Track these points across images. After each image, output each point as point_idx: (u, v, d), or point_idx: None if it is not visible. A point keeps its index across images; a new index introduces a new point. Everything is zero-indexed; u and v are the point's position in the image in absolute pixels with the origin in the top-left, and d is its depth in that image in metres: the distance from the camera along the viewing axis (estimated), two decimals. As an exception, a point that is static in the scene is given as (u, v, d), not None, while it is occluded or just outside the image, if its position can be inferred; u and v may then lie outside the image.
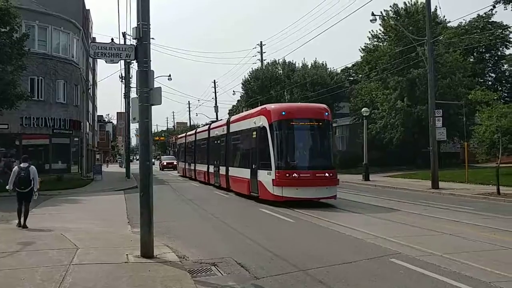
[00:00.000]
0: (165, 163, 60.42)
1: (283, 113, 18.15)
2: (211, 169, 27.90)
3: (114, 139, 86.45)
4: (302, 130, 18.56)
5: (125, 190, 25.95)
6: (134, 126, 49.57)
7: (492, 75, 49.14)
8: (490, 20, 44.19)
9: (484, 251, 9.54)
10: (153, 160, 51.10)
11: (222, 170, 24.89)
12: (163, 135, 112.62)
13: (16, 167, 12.95)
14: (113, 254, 9.23)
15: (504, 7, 30.12)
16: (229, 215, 15.78)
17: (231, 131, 24.21)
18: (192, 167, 35.56)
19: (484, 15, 42.27)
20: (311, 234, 12.13)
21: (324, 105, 20.13)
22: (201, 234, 12.30)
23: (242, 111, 37.81)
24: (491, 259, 8.77)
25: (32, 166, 12.91)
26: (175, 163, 54.51)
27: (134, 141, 71.52)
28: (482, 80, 44.91)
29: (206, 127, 32.58)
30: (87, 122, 43.57)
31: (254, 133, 19.48)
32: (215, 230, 12.93)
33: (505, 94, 45.44)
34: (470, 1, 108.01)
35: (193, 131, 38.83)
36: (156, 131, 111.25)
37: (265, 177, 17.94)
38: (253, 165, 19.34)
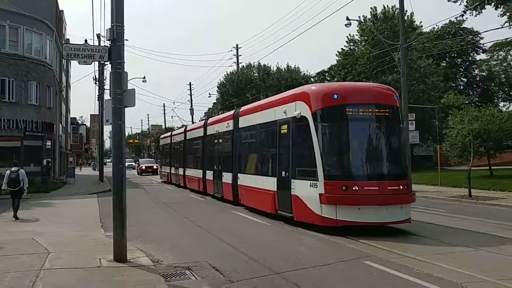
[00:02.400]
0: (143, 167, 55.92)
1: (335, 96, 12.71)
2: (209, 175, 22.75)
3: (87, 142, 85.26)
4: (364, 122, 13.01)
5: (98, 194, 25.61)
6: (107, 129, 49.02)
7: (464, 79, 50.25)
8: (461, 26, 45.17)
9: (455, 253, 9.69)
10: (132, 164, 49.87)
11: (227, 177, 19.71)
12: (137, 137, 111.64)
13: (8, 170, 15.68)
14: (85, 258, 9.07)
15: (475, 14, 30.77)
16: (203, 219, 15.68)
17: (242, 126, 18.59)
18: (181, 172, 30.06)
19: (455, 21, 43.17)
20: (287, 238, 12.13)
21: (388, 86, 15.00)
22: (175, 238, 12.20)
23: (218, 114, 36.05)
24: (462, 260, 8.91)
25: (21, 169, 15.81)
26: (155, 167, 52.80)
27: (107, 143, 70.61)
28: (454, 85, 45.88)
29: (201, 124, 26.79)
30: (60, 125, 42.84)
31: (285, 126, 14.23)
32: (190, 234, 12.84)
33: (476, 99, 46.43)
34: (442, 8, 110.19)
35: (182, 129, 33.20)
36: (130, 133, 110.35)
37: (306, 190, 12.58)
38: (283, 172, 14.02)
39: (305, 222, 12.69)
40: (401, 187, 12.26)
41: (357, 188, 11.83)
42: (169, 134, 38.79)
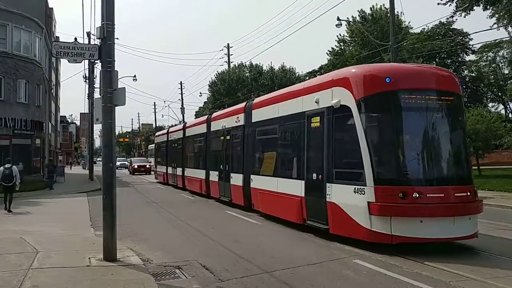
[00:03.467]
0: (136, 166, 53.58)
1: (388, 79, 10.24)
2: (213, 176, 20.43)
3: (77, 141, 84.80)
4: (424, 112, 10.41)
5: (88, 193, 25.51)
6: (97, 127, 48.67)
7: (453, 80, 50.47)
8: (451, 27, 45.46)
9: (445, 253, 9.75)
10: (125, 163, 49.04)
11: (236, 179, 17.35)
12: (127, 136, 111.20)
13: (2, 167, 17.14)
14: (75, 257, 9.03)
15: (465, 14, 30.98)
16: (193, 218, 15.67)
17: (256, 120, 16.17)
18: (179, 173, 27.60)
19: (445, 22, 43.43)
20: (278, 237, 12.15)
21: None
22: (166, 237, 12.18)
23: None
24: (450, 260, 8.97)
25: (14, 166, 17.51)
26: (148, 166, 51.75)
27: (97, 142, 70.29)
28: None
29: (203, 119, 24.12)
30: (50, 123, 42.56)
31: (316, 119, 11.73)
32: (180, 233, 12.82)
33: (466, 99, 46.73)
34: (432, 8, 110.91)
35: (180, 126, 30.62)
36: (120, 132, 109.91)
37: (348, 197, 10.27)
38: (313, 175, 11.65)
39: (346, 236, 10.43)
40: (469, 194, 10.03)
41: (417, 195, 9.50)
42: (165, 131, 36.43)
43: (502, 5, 26.36)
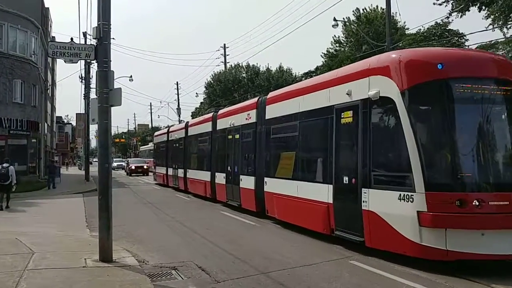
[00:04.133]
0: (133, 167, 51.53)
1: (440, 66, 8.77)
2: (220, 179, 18.87)
3: (73, 141, 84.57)
4: (481, 104, 8.99)
5: (84, 193, 25.40)
6: (93, 128, 48.35)
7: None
8: (447, 28, 45.57)
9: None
10: (123, 164, 47.90)
11: (247, 182, 15.87)
12: (123, 137, 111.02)
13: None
14: (70, 258, 9.00)
15: (461, 15, 31.04)
16: (189, 219, 15.65)
17: (270, 117, 14.52)
18: (181, 174, 25.92)
19: (441, 23, 43.55)
20: (274, 238, 12.14)
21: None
22: (161, 238, 12.15)
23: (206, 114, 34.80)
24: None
25: (11, 166, 18.10)
26: (145, 167, 50.31)
27: (93, 143, 70.10)
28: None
29: (208, 117, 22.20)
30: (46, 123, 42.43)
31: (348, 113, 10.16)
32: (176, 234, 12.80)
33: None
34: (428, 9, 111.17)
35: (182, 125, 28.68)
36: (116, 132, 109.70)
37: (392, 204, 8.82)
38: (344, 178, 10.12)
39: (387, 250, 9.01)
40: None
41: (478, 204, 8.05)
42: (165, 130, 34.58)
43: (497, 6, 26.39)
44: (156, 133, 40.64)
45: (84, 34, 34.21)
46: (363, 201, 9.37)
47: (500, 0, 25.87)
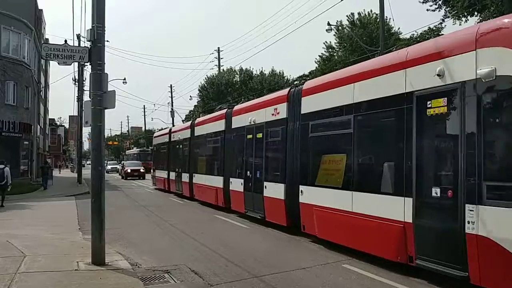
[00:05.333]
0: (129, 171, 48.51)
1: None
2: (236, 185, 16.20)
3: (66, 143, 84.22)
4: None
5: (77, 196, 25.31)
6: (86, 130, 48.21)
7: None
8: (440, 33, 45.85)
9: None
10: (117, 166, 46.61)
11: (274, 190, 13.27)
12: (116, 139, 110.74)
13: None
14: (62, 261, 8.94)
15: (459, 22, 31.31)
16: (183, 222, 15.61)
17: (308, 111, 11.80)
18: (185, 179, 23.26)
19: (434, 28, 43.85)
20: (267, 241, 12.14)
21: None
22: (154, 241, 12.11)
23: (199, 117, 30.75)
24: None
25: (7, 167, 19.28)
26: (142, 170, 48.22)
27: (86, 145, 69.79)
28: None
29: (220, 114, 19.31)
30: (38, 125, 42.26)
31: (439, 102, 7.70)
32: (169, 237, 12.76)
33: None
34: (421, 14, 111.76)
35: (187, 124, 25.65)
36: (109, 135, 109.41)
37: None
38: (434, 190, 7.62)
39: None
40: None
41: None
42: (166, 130, 31.68)
43: (489, 12, 26.62)
44: (156, 134, 37.88)
45: (78, 36, 34.16)
46: (468, 222, 6.89)
47: (493, 6, 26.08)
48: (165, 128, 41.34)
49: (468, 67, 7.13)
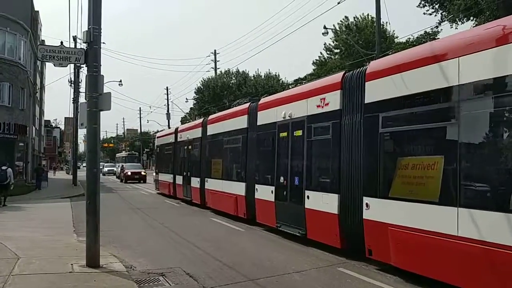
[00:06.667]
0: (129, 173, 45.59)
1: None
2: (263, 193, 13.66)
3: (61, 145, 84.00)
4: None
5: (72, 198, 25.22)
6: (82, 132, 48.04)
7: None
8: (436, 37, 46.06)
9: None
10: (114, 169, 45.57)
11: (321, 201, 10.68)
12: (112, 141, 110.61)
13: None
14: (57, 263, 8.91)
15: (455, 26, 31.46)
16: (177, 223, 15.57)
17: (377, 99, 9.07)
18: (196, 184, 20.69)
19: (430, 32, 44.06)
20: (262, 244, 12.12)
21: None
22: (149, 244, 12.08)
23: (195, 119, 30.33)
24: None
25: (9, 168, 20.75)
26: (143, 173, 46.21)
27: (82, 147, 69.69)
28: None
29: (241, 109, 16.58)
30: (34, 127, 42.10)
31: None
32: (164, 239, 12.73)
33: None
34: (418, 18, 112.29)
35: (198, 122, 22.57)
36: (105, 137, 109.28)
37: None
38: None
39: None
40: None
41: None
42: (171, 130, 28.80)
43: (485, 17, 26.76)
44: (159, 134, 34.93)
45: (74, 38, 34.19)
46: None
47: (488, 11, 26.22)
48: (155, 133, 40.76)
49: None
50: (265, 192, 13.48)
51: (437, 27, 32.91)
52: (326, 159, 11.04)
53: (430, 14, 31.61)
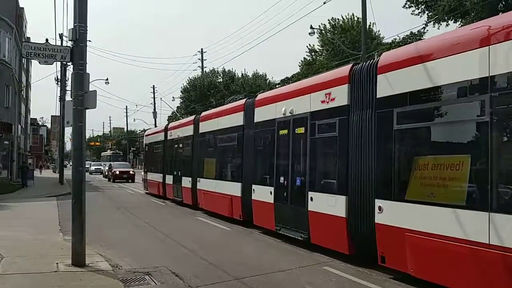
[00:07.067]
0: (117, 172, 44.44)
1: None
2: (261, 194, 12.89)
3: (48, 143, 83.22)
4: None
5: (58, 196, 25.01)
6: (68, 130, 47.54)
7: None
8: (422, 38, 46.44)
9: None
10: (101, 167, 45.34)
11: (326, 203, 9.97)
12: (98, 140, 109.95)
13: None
14: (42, 262, 8.84)
15: (438, 26, 31.72)
16: (164, 224, 15.54)
17: (391, 93, 8.26)
18: (187, 185, 19.93)
19: (417, 33, 44.40)
20: (247, 243, 12.14)
21: None
22: (135, 243, 12.04)
23: (182, 118, 30.42)
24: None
25: None
26: (131, 172, 45.22)
27: (68, 145, 69.17)
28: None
29: (237, 105, 15.80)
30: (19, 125, 41.68)
31: None
32: (150, 239, 12.69)
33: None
34: (404, 19, 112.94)
35: (189, 119, 21.92)
36: (91, 136, 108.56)
37: None
38: None
39: None
40: None
41: None
42: (161, 127, 27.71)
43: (470, 18, 27.05)
44: (148, 131, 33.87)
45: (61, 35, 33.95)
46: None
47: (473, 12, 26.51)
48: (141, 131, 40.61)
49: None
50: (263, 193, 12.72)
51: (424, 27, 33.19)
52: (332, 159, 10.39)
53: (417, 15, 31.91)
